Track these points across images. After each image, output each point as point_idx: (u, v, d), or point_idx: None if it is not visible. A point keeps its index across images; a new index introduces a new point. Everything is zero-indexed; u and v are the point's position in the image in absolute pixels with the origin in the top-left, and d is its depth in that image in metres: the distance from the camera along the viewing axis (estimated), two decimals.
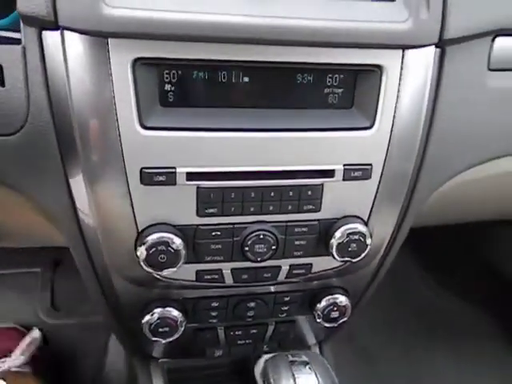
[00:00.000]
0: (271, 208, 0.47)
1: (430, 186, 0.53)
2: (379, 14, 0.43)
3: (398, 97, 0.45)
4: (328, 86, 0.46)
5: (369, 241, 0.49)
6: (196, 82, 0.43)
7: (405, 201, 0.52)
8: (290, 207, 0.47)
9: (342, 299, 0.55)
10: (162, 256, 0.44)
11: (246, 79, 0.44)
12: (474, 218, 0.81)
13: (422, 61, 0.46)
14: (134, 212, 0.44)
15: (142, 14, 0.38)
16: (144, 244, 0.44)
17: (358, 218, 0.49)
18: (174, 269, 0.45)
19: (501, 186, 0.65)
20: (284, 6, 0.41)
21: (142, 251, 0.44)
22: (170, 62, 0.41)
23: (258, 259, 0.48)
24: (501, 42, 0.51)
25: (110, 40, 0.38)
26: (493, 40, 0.50)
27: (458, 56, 0.48)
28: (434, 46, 0.46)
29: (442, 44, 0.47)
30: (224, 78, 0.43)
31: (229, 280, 0.50)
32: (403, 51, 0.44)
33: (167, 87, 0.42)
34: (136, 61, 0.40)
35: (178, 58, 0.41)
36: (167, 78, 0.42)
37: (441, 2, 0.45)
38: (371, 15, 0.42)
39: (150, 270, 0.45)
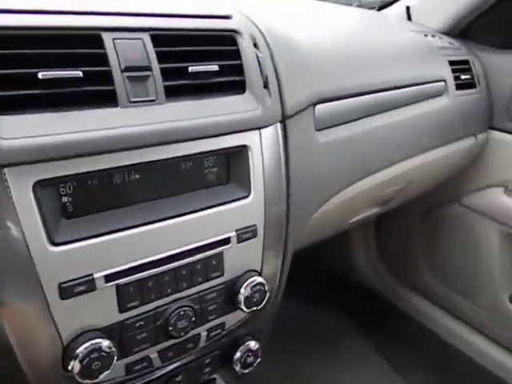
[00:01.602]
0: (185, 284, 0.51)
1: (297, 227, 0.65)
2: (237, 106, 0.53)
3: (263, 166, 0.56)
4: (206, 168, 0.54)
5: (267, 287, 0.58)
6: (91, 189, 0.46)
7: (284, 244, 0.62)
8: (200, 279, 0.53)
9: (253, 344, 0.63)
10: (96, 363, 0.45)
11: (137, 176, 0.49)
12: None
13: (274, 135, 0.58)
14: (56, 327, 0.44)
15: (34, 141, 0.40)
16: (76, 357, 0.44)
17: (254, 270, 0.58)
18: (109, 371, 0.46)
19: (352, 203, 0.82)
20: (150, 114, 0.47)
21: (75, 365, 0.44)
22: (65, 178, 0.43)
23: (182, 334, 0.52)
24: (320, 108, 0.67)
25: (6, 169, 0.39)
26: (314, 108, 0.66)
27: (294, 125, 0.62)
28: (279, 123, 0.58)
29: (283, 119, 0.59)
30: (117, 180, 0.47)
31: (157, 363, 0.53)
32: (259, 131, 0.55)
33: (65, 199, 0.44)
34: (36, 184, 0.41)
35: (72, 173, 0.43)
36: (63, 191, 0.44)
37: (277, 92, 0.58)
38: (231, 107, 0.52)
39: (86, 381, 0.45)
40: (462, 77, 0.96)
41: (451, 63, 0.94)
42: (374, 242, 1.41)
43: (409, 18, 1.09)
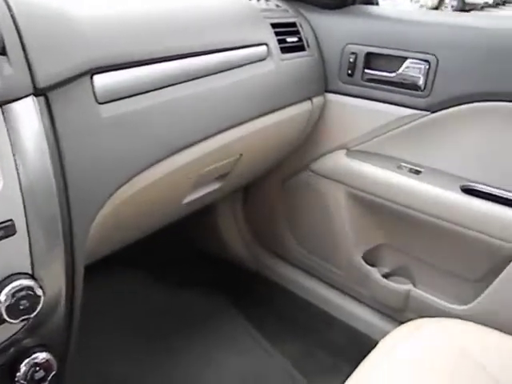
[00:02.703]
0: None
1: (85, 220, 0.57)
2: None
3: (13, 148, 0.47)
4: None
5: (39, 291, 0.50)
6: None
7: (65, 241, 0.54)
8: None
9: (42, 356, 0.54)
10: None
11: None
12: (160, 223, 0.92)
13: (28, 112, 0.49)
14: None
15: None
16: None
17: (22, 273, 0.49)
18: None
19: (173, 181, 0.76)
20: None
21: None
22: None
23: None
24: (100, 79, 0.59)
25: None
26: (92, 78, 0.58)
27: (62, 98, 0.53)
28: (34, 96, 0.50)
29: (40, 92, 0.50)
30: None
31: None
32: (1, 108, 0.46)
33: None
34: None
35: None
36: None
37: (23, 57, 0.49)
38: None
39: None
40: (288, 39, 0.94)
41: (274, 26, 0.91)
42: (241, 215, 1.38)
43: None
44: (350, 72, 1.01)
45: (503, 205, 0.86)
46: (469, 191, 0.92)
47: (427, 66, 0.91)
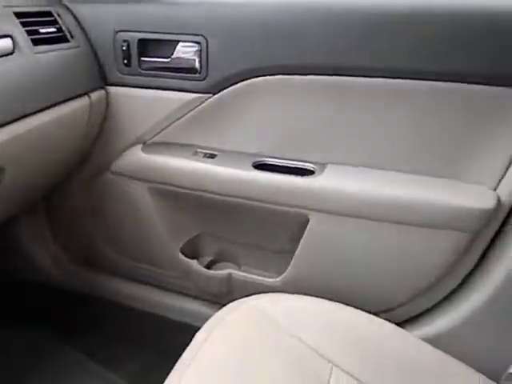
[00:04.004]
0: None
1: None
2: None
3: None
4: None
5: None
6: None
7: None
8: None
9: None
10: None
11: None
12: None
13: None
14: None
15: None
16: None
17: None
18: None
19: None
20: None
21: None
22: None
23: None
24: None
25: None
26: None
27: None
28: None
29: None
30: None
31: None
32: None
33: None
34: None
35: None
36: None
37: None
38: None
39: None
40: (42, 30, 0.83)
41: (19, 15, 0.80)
42: (48, 231, 1.23)
43: None
44: (126, 62, 0.95)
45: (291, 174, 0.90)
46: (260, 166, 0.93)
47: (199, 48, 0.90)
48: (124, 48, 0.93)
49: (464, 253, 0.84)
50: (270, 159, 0.95)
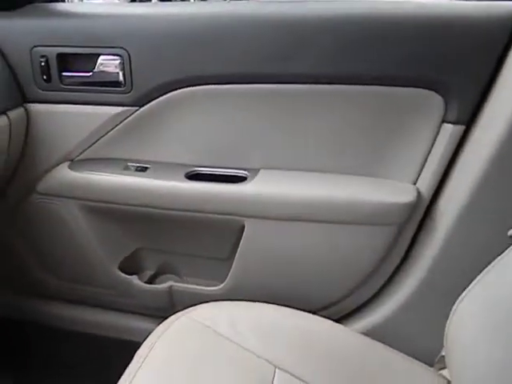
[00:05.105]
0: None
1: None
2: None
3: None
4: None
5: None
6: None
7: None
8: None
9: None
10: None
11: None
12: None
13: None
14: None
15: None
16: None
17: None
18: None
19: None
20: None
21: None
22: None
23: None
24: None
25: None
26: None
27: None
28: None
29: None
30: None
31: None
32: None
33: None
34: None
35: None
36: None
37: None
38: None
39: None
40: None
41: None
42: None
43: None
44: (45, 77, 0.91)
45: (224, 182, 0.91)
46: (193, 176, 0.93)
47: (121, 61, 0.88)
48: (42, 63, 0.90)
49: (390, 247, 0.89)
50: (202, 169, 0.95)
